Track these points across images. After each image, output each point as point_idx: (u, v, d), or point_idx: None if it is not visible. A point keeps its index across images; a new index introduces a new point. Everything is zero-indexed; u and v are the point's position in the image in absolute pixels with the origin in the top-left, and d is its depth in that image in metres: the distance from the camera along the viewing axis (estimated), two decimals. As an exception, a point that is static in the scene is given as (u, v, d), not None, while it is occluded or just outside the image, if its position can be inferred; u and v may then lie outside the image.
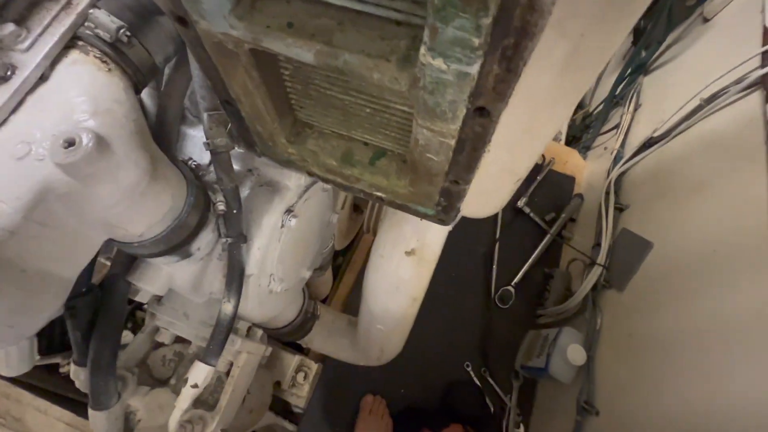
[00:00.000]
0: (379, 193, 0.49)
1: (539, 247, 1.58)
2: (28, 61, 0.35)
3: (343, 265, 1.54)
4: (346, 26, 0.31)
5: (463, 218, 0.54)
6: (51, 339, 0.62)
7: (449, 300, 1.48)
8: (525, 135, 0.31)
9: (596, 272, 1.28)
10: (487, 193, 0.42)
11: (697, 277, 0.94)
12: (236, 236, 0.50)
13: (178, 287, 0.52)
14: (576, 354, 1.14)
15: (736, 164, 0.97)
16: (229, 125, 0.48)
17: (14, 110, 0.34)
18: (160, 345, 0.64)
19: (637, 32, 1.67)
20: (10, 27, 0.35)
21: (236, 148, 0.50)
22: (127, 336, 0.73)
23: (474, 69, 0.25)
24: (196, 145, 0.59)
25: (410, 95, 0.30)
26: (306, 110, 0.46)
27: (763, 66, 0.97)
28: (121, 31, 0.39)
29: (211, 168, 0.56)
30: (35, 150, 0.32)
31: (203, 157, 0.59)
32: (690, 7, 1.37)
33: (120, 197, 0.34)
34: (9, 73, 0.34)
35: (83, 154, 0.31)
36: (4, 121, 0.34)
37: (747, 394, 0.71)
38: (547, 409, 1.30)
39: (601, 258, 1.30)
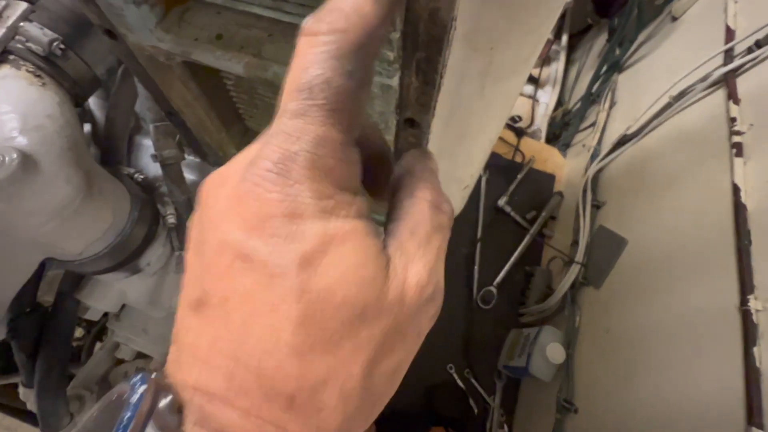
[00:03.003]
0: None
1: (520, 246, 1.59)
2: (-48, 77, 0.34)
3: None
4: (276, 38, 0.30)
5: None
6: (9, 359, 0.60)
7: (431, 301, 1.48)
8: (461, 143, 0.31)
9: (574, 270, 1.30)
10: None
11: (668, 272, 0.96)
12: (191, 249, 0.49)
13: (134, 303, 0.51)
14: (555, 352, 1.15)
15: (702, 160, 0.99)
16: (178, 136, 0.48)
17: (-65, 129, 0.33)
18: (121, 361, 0.62)
19: (611, 29, 1.70)
20: (-69, 42, 0.34)
21: (187, 158, 0.49)
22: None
23: (394, 82, 0.25)
24: (150, 155, 0.58)
25: (341, 107, 0.30)
26: (255, 119, 0.45)
27: (726, 64, 0.99)
28: (55, 44, 0.38)
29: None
30: (-44, 170, 0.31)
31: (158, 168, 0.58)
32: (658, 6, 1.39)
33: (51, 216, 0.33)
34: (-71, 90, 0.33)
35: (6, 173, 0.30)
36: (-76, 140, 0.32)
37: (713, 384, 0.72)
38: (529, 409, 1.31)
39: (579, 256, 1.31)
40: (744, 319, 0.71)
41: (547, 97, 2.12)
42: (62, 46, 0.38)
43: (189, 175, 0.55)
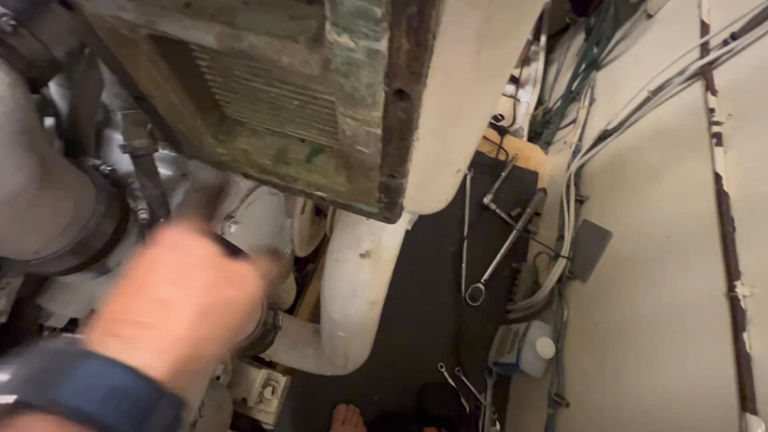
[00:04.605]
0: (319, 193, 0.46)
1: (506, 243, 1.59)
2: None
3: (311, 272, 1.49)
4: (252, 5, 0.28)
5: (429, 218, 0.52)
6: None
7: (420, 301, 1.46)
8: (453, 122, 0.29)
9: (561, 264, 1.30)
10: (429, 186, 0.40)
11: (653, 263, 0.96)
12: (165, 247, 0.45)
13: (103, 307, 0.47)
14: (545, 347, 1.15)
15: (683, 152, 1.00)
16: (150, 125, 0.44)
17: None
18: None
19: (588, 28, 1.73)
20: None
21: (161, 151, 0.46)
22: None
23: (383, 45, 0.23)
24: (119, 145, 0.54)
25: (324, 80, 0.27)
26: (233, 105, 0.42)
27: (702, 57, 1.01)
28: (3, 19, 0.34)
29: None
30: None
31: (131, 162, 0.54)
32: (634, 4, 1.42)
33: (0, 206, 0.30)
34: None
35: (-57, 158, 0.26)
36: None
37: (704, 372, 0.72)
38: (521, 405, 1.31)
39: (565, 250, 1.32)
40: (732, 305, 0.72)
41: (528, 97, 2.15)
42: (12, 22, 0.35)
43: (163, 170, 0.52)
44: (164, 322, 0.25)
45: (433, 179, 0.37)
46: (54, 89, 0.49)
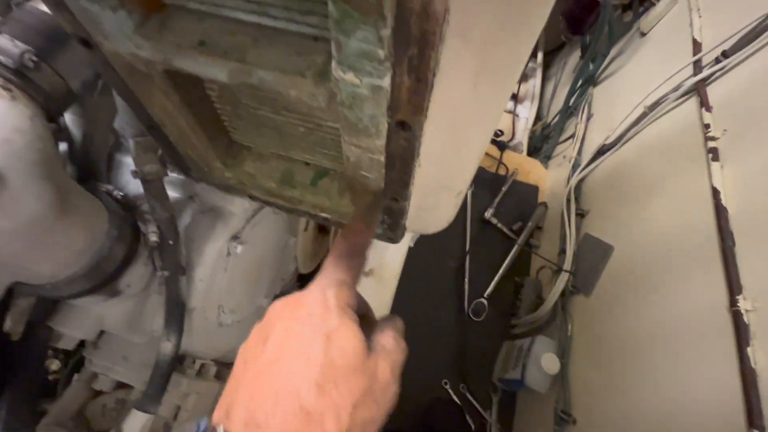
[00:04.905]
0: (323, 214, 0.47)
1: (509, 257, 1.59)
2: None
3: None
4: (261, 43, 0.29)
5: (431, 234, 0.53)
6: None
7: (423, 317, 1.46)
8: (453, 148, 0.31)
9: (563, 278, 1.30)
10: (430, 209, 0.41)
11: (655, 277, 0.97)
12: (173, 268, 0.46)
13: (112, 328, 0.47)
14: (550, 363, 1.14)
15: (681, 166, 1.01)
16: (160, 151, 0.46)
17: None
18: (99, 393, 0.58)
19: (584, 46, 1.77)
20: None
21: (169, 174, 0.47)
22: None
23: (386, 82, 0.24)
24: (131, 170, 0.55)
25: (330, 111, 0.29)
26: (240, 132, 0.44)
27: (695, 74, 1.04)
28: (26, 55, 0.36)
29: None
30: None
31: (140, 186, 0.55)
32: (627, 23, 1.46)
33: (19, 234, 0.31)
34: None
35: (-32, 189, 0.28)
36: None
37: (710, 387, 0.72)
38: (527, 422, 1.29)
39: (567, 264, 1.32)
40: (735, 319, 0.72)
41: (527, 112, 2.18)
42: (34, 58, 0.37)
43: (171, 192, 0.53)
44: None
45: (435, 202, 0.39)
46: (68, 116, 0.51)
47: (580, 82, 1.72)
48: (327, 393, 0.24)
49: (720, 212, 0.83)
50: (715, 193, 0.85)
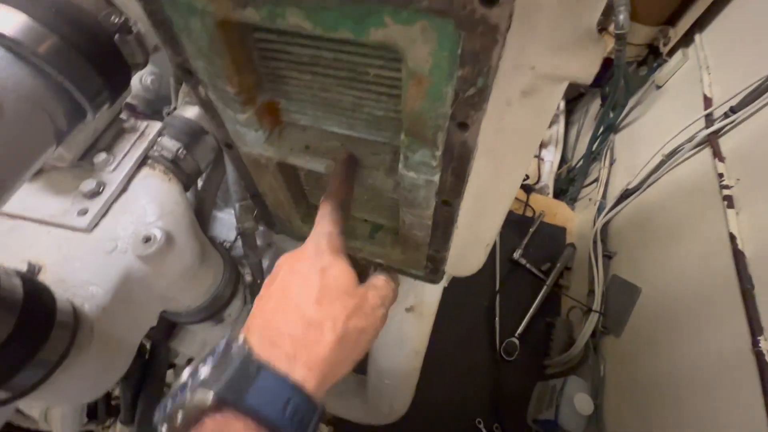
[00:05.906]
0: (378, 260, 0.59)
1: (539, 297, 1.63)
2: (114, 179, 0.48)
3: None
4: (348, 146, 0.43)
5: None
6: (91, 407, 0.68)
7: (456, 356, 1.51)
8: (482, 215, 0.43)
9: (593, 319, 1.33)
10: (465, 256, 0.52)
11: (683, 317, 1.00)
12: (260, 302, 0.59)
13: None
14: (583, 403, 1.16)
15: (699, 211, 1.07)
16: (255, 211, 0.60)
17: (103, 216, 0.46)
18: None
19: (603, 96, 1.88)
20: (102, 155, 0.48)
21: (259, 228, 0.62)
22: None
23: (436, 178, 0.37)
24: (224, 225, 0.70)
25: (395, 193, 0.42)
26: (315, 197, 0.58)
27: (707, 127, 1.12)
28: (179, 151, 0.52)
29: (237, 244, 0.67)
30: (120, 245, 0.43)
31: (229, 235, 0.70)
32: (643, 76, 1.57)
33: (178, 277, 0.45)
34: (101, 189, 0.47)
35: (158, 247, 0.42)
36: (96, 225, 0.45)
37: (736, 424, 0.74)
38: (563, 465, 1.28)
39: (597, 304, 1.36)
40: (758, 360, 0.76)
41: (552, 156, 2.28)
42: (184, 152, 0.53)
43: (258, 241, 0.67)
44: (313, 343, 0.29)
45: (468, 252, 0.50)
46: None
47: (601, 129, 1.82)
48: (324, 307, 0.31)
49: (738, 257, 0.88)
50: (732, 238, 0.91)
